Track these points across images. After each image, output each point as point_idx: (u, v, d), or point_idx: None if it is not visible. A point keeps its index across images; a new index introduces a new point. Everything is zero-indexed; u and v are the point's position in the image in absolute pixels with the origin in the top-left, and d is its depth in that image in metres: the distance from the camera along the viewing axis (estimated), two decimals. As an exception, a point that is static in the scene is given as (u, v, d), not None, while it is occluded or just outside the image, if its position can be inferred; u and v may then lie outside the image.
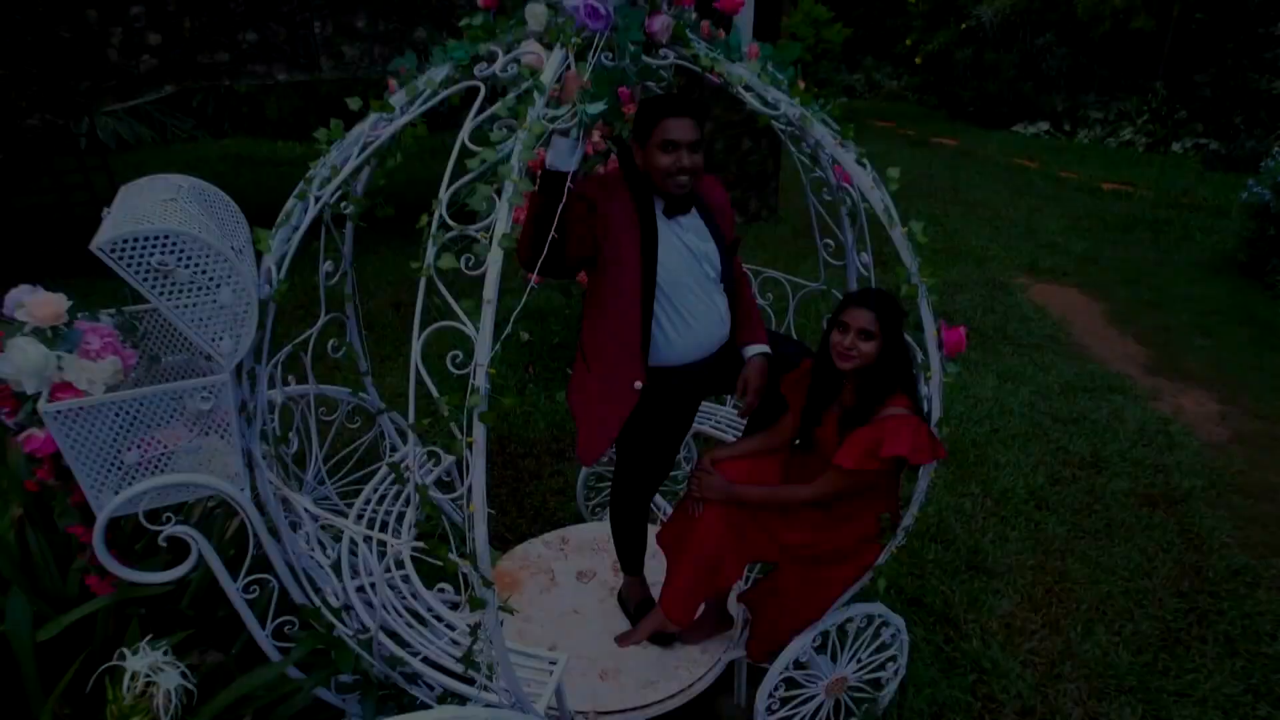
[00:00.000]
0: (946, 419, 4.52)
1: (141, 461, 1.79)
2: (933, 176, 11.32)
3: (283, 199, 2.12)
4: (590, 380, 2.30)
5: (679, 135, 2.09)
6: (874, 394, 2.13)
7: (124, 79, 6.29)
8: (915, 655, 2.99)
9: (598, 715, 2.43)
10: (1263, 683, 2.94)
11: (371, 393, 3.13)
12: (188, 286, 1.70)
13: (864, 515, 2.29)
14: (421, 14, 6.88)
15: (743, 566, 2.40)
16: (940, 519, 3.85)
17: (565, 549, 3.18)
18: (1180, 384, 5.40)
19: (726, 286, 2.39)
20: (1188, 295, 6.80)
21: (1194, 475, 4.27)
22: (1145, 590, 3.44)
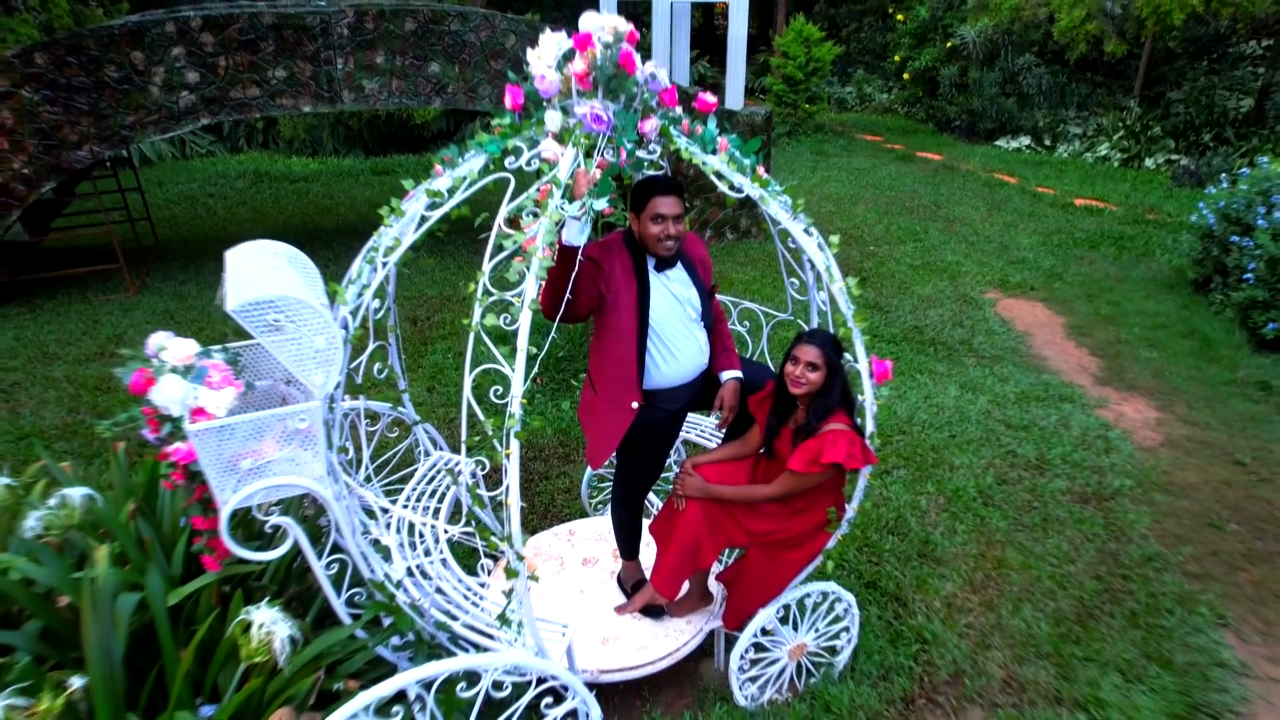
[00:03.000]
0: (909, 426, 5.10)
1: (252, 468, 2.33)
2: (915, 193, 11.86)
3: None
4: (597, 401, 2.84)
5: (666, 210, 2.63)
6: (819, 413, 2.67)
7: (164, 113, 6.83)
8: (868, 628, 3.54)
9: (600, 672, 2.97)
10: (1155, 650, 3.49)
11: (408, 407, 3.68)
12: (293, 336, 2.24)
13: (815, 509, 2.83)
14: (435, 51, 7.41)
15: (718, 550, 2.94)
16: (898, 515, 4.40)
17: (572, 539, 3.72)
18: (1125, 393, 5.94)
19: (706, 324, 2.94)
20: (1141, 310, 7.34)
21: (1125, 475, 4.81)
22: (1069, 574, 3.98)
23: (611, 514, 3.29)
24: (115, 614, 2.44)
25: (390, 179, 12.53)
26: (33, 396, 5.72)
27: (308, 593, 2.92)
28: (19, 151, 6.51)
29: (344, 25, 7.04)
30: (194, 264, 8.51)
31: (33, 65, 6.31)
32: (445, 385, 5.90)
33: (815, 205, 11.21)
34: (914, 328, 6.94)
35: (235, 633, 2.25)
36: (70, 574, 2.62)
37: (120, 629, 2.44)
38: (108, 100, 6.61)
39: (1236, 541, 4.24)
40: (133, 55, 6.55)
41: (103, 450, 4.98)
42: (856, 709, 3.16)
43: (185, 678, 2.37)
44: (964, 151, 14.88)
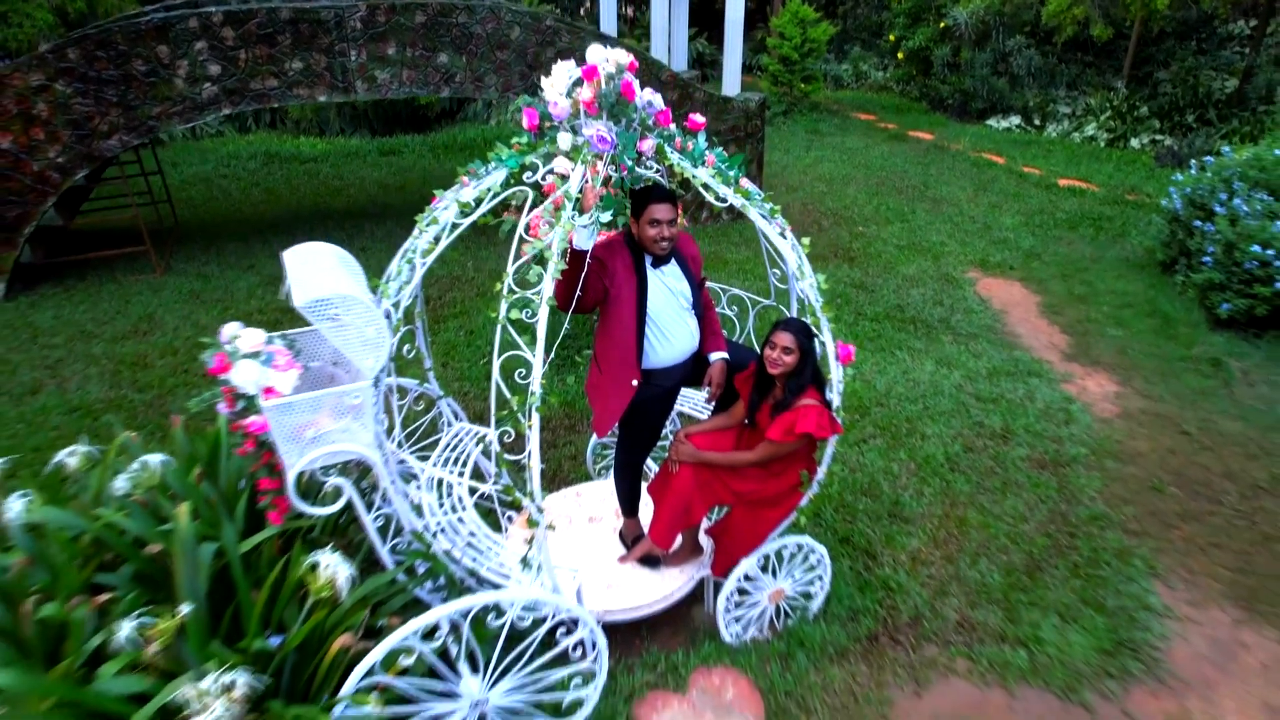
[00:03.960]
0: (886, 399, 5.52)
1: (314, 437, 2.76)
2: (905, 173, 12.21)
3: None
4: (602, 379, 3.27)
5: (661, 216, 3.04)
6: (793, 390, 3.09)
7: (188, 104, 7.18)
8: (840, 577, 4.00)
9: (605, 613, 3.43)
10: (1092, 596, 3.96)
11: (433, 383, 4.11)
12: (349, 327, 2.66)
13: (790, 472, 3.27)
14: (444, 43, 7.75)
15: (707, 508, 3.39)
16: (872, 479, 4.85)
17: (579, 500, 4.18)
18: (1089, 368, 6.37)
19: (696, 312, 3.36)
20: (1112, 290, 7.75)
21: (1081, 444, 5.26)
22: (1022, 532, 4.44)
23: (614, 477, 3.74)
24: (198, 559, 2.89)
25: (397, 159, 12.86)
26: (76, 372, 6.15)
27: (349, 544, 3.37)
28: (54, 141, 6.88)
29: (357, 19, 7.37)
30: (214, 245, 8.89)
31: (65, 60, 6.66)
32: (458, 361, 6.33)
33: (808, 185, 11.57)
34: (896, 306, 7.36)
35: (305, 573, 2.69)
36: (156, 527, 3.07)
37: (202, 572, 2.89)
38: (136, 92, 6.97)
39: (1174, 503, 4.70)
40: (158, 49, 6.90)
41: (148, 421, 5.41)
42: (827, 645, 3.62)
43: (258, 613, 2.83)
44: (955, 131, 15.18)
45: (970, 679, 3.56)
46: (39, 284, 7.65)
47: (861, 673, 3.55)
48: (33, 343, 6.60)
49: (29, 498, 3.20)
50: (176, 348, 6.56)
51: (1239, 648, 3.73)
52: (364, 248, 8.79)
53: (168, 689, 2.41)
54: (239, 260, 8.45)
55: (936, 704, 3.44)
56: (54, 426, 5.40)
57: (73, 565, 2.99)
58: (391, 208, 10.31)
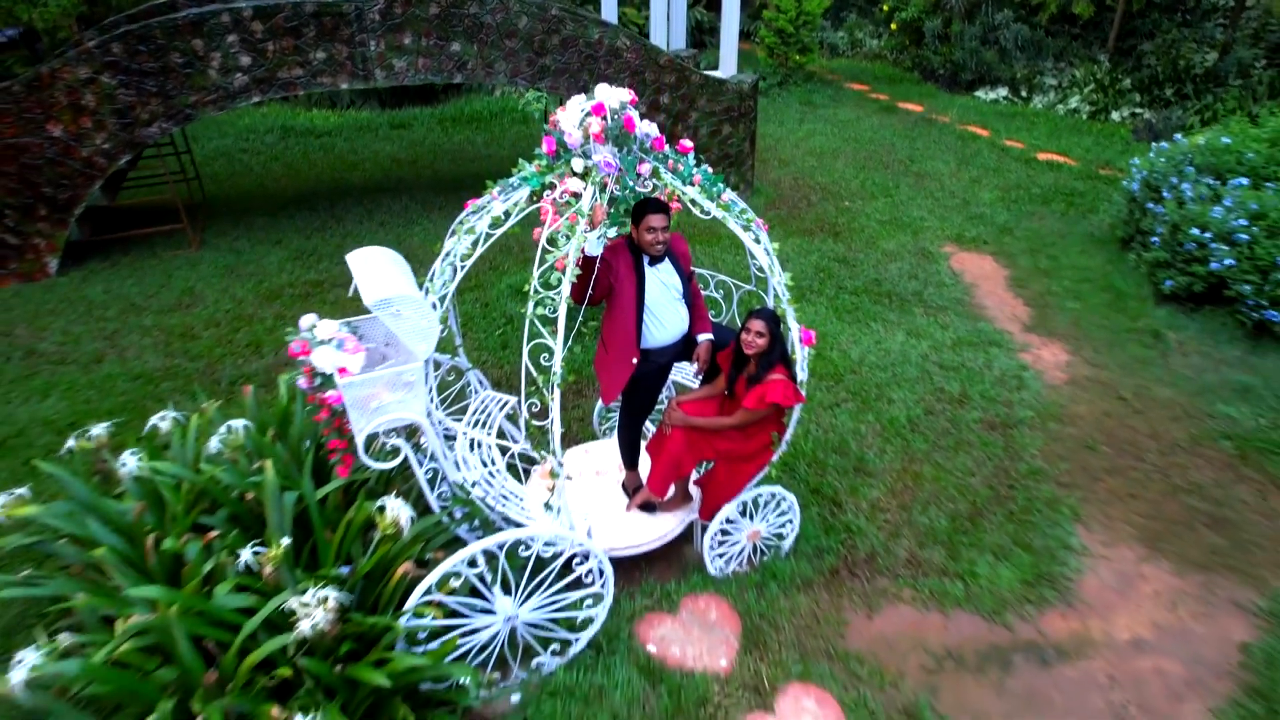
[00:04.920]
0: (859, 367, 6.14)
1: (377, 407, 3.42)
2: (893, 147, 12.69)
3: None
4: (608, 357, 3.92)
5: (656, 224, 3.66)
6: (764, 366, 3.74)
7: (221, 93, 7.72)
8: (808, 522, 4.68)
9: (610, 550, 4.12)
10: (1022, 538, 4.65)
11: (462, 357, 4.75)
12: (407, 319, 3.30)
13: (763, 434, 3.94)
14: (456, 32, 8.25)
15: (695, 463, 4.06)
16: (841, 439, 5.53)
17: (587, 456, 4.85)
18: (1045, 339, 7.00)
19: (686, 301, 3.99)
20: (1074, 265, 8.34)
21: (1029, 408, 5.93)
22: (969, 484, 5.13)
23: (617, 436, 4.41)
24: (283, 505, 3.57)
25: (407, 133, 13.34)
26: (133, 343, 6.79)
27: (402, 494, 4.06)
28: (100, 129, 7.43)
29: (375, 11, 7.86)
30: (242, 220, 9.47)
31: (110, 54, 7.18)
32: (475, 332, 6.95)
33: (799, 160, 12.07)
34: (874, 280, 7.97)
35: (374, 514, 3.37)
36: (245, 479, 3.75)
37: (286, 515, 3.57)
38: (174, 82, 7.50)
39: (1103, 459, 5.39)
40: (194, 43, 7.41)
41: (203, 387, 6.07)
42: (795, 577, 4.33)
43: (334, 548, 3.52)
44: (944, 102, 15.59)
45: (914, 605, 4.27)
46: (86, 260, 8.25)
47: (823, 599, 4.26)
48: (89, 315, 7.23)
49: (138, 455, 3.88)
50: (219, 320, 7.19)
51: (1138, 579, 4.44)
52: (383, 223, 9.38)
53: (275, 600, 3.11)
54: (267, 235, 9.04)
55: (884, 625, 4.15)
56: (121, 392, 6.06)
57: (182, 509, 3.68)
58: (405, 182, 10.85)
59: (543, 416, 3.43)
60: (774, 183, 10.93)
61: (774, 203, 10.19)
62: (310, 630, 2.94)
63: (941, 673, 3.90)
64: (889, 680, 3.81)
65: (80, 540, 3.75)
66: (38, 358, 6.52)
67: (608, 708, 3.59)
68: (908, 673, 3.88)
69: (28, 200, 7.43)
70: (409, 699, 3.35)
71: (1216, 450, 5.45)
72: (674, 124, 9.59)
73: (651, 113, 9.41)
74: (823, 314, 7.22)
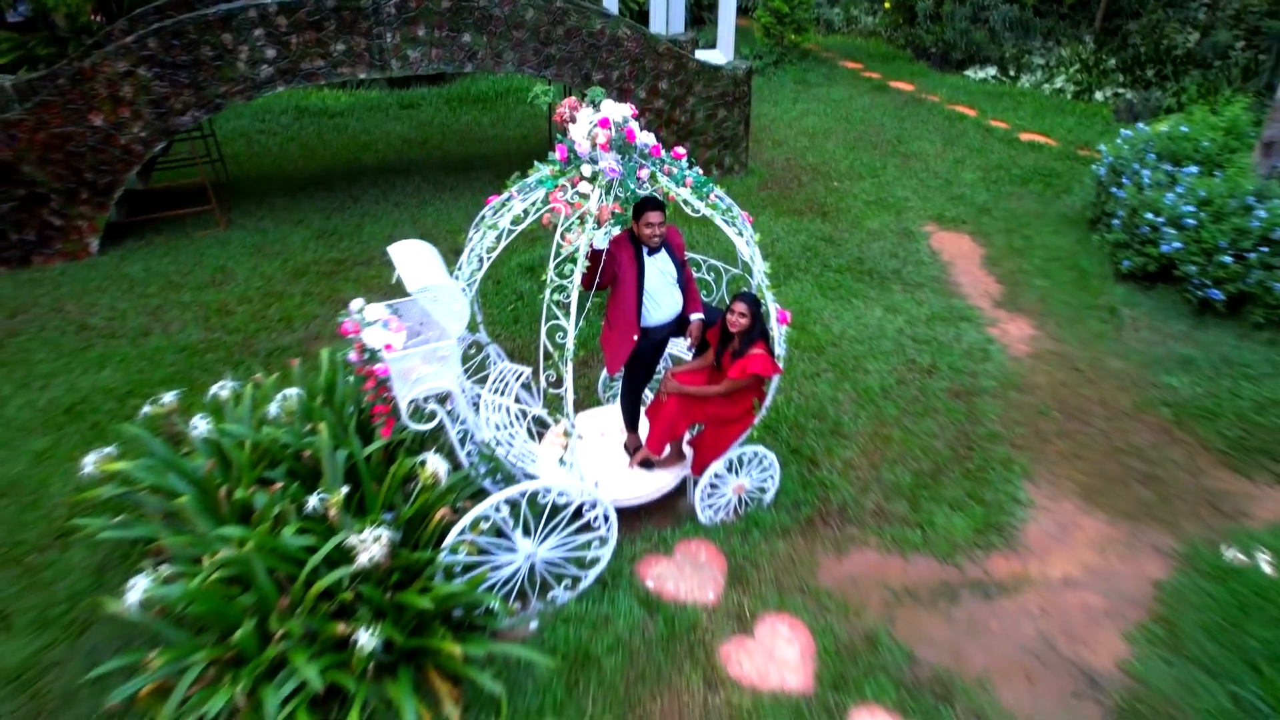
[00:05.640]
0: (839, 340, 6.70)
1: (417, 378, 4.00)
2: (883, 127, 13.14)
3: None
4: (612, 335, 4.49)
5: (654, 220, 4.22)
6: (746, 342, 4.31)
7: (248, 84, 8.21)
8: (788, 478, 5.28)
9: (614, 501, 4.72)
10: (976, 493, 5.26)
11: (482, 333, 5.32)
12: (442, 301, 3.86)
13: (745, 400, 4.52)
14: (467, 24, 8.70)
15: (688, 425, 4.65)
16: (820, 405, 6.11)
17: (593, 419, 5.45)
18: (1013, 314, 7.56)
19: (680, 285, 4.55)
20: (1046, 244, 8.87)
21: (991, 378, 6.51)
22: (932, 446, 5.73)
23: (620, 403, 5.00)
24: (336, 461, 4.17)
25: (416, 113, 13.78)
26: (175, 318, 7.35)
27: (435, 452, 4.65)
28: (137, 119, 7.92)
29: (391, 5, 8.31)
30: (264, 200, 9.98)
31: (146, 49, 7.66)
32: (488, 307, 7.50)
33: (792, 140, 12.53)
34: (857, 259, 8.52)
35: (416, 468, 3.97)
36: (301, 439, 4.35)
37: (339, 469, 4.17)
38: (205, 74, 7.98)
39: (1054, 424, 5.98)
40: (223, 37, 7.88)
41: (243, 359, 6.64)
42: (775, 525, 4.94)
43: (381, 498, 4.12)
44: (935, 81, 15.98)
45: (877, 549, 4.89)
46: (124, 239, 8.78)
47: (799, 544, 4.88)
48: (132, 292, 7.78)
49: (207, 419, 4.47)
50: (251, 296, 7.75)
51: (1075, 527, 5.05)
52: (398, 203, 9.89)
53: (335, 538, 3.71)
54: (289, 215, 9.56)
55: (851, 566, 4.77)
56: (170, 363, 6.64)
57: (247, 465, 4.27)
58: (416, 163, 11.34)
59: (558, 385, 4.01)
60: (767, 163, 11.41)
61: (766, 183, 10.68)
62: (368, 562, 3.54)
63: (899, 606, 4.51)
64: (853, 611, 4.44)
65: (160, 491, 4.35)
66: (90, 332, 7.09)
67: (612, 633, 4.22)
68: (869, 605, 4.50)
69: (71, 185, 7.94)
70: (445, 624, 3.98)
71: (1156, 416, 6.04)
72: (672, 108, 10.07)
73: (651, 97, 9.88)
74: (808, 291, 7.78)
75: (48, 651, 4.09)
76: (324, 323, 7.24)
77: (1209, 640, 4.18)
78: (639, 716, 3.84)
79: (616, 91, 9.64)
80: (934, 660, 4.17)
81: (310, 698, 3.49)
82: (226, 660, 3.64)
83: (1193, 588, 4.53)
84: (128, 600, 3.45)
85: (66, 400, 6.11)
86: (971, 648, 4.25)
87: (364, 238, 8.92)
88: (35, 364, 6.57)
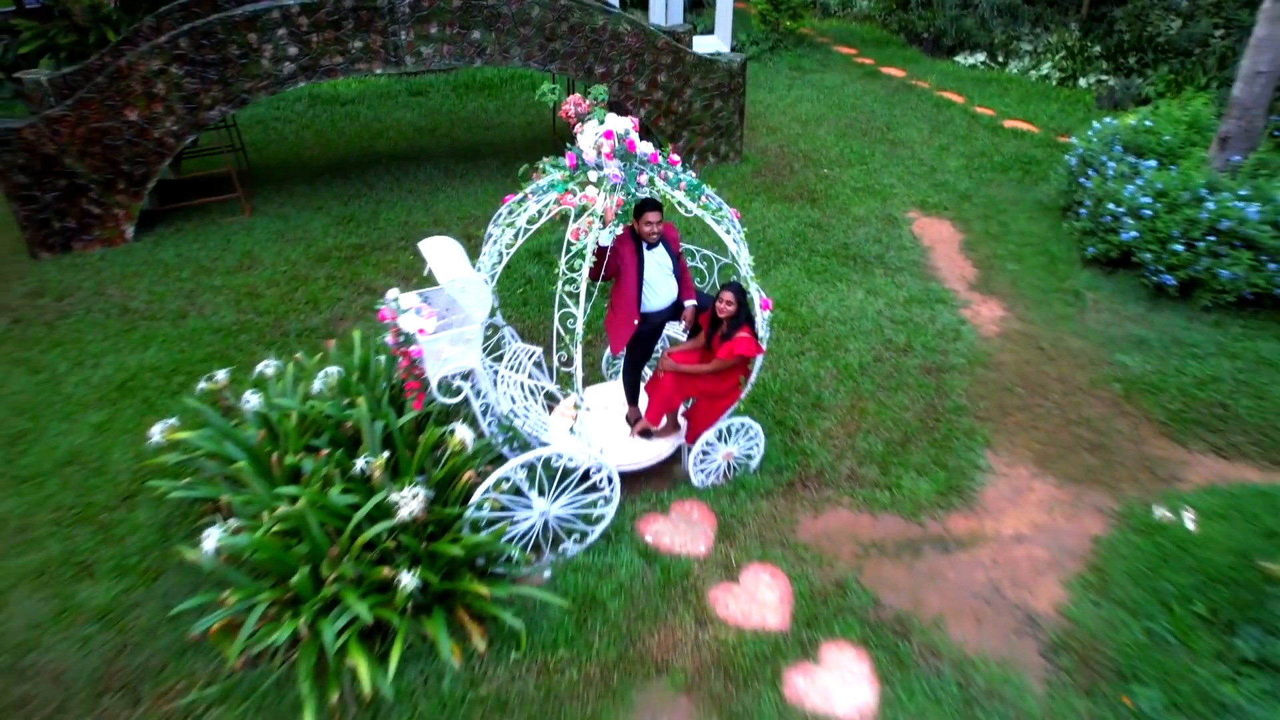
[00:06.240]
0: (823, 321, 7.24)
1: (446, 357, 4.55)
2: (873, 114, 13.56)
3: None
4: (615, 319, 5.03)
5: (652, 219, 4.75)
6: (734, 326, 4.86)
7: (272, 80, 8.68)
8: (772, 446, 5.85)
9: (618, 466, 5.30)
10: (940, 459, 5.83)
11: (498, 316, 5.87)
12: (469, 291, 4.40)
13: (733, 377, 5.08)
14: (476, 22, 9.15)
15: (682, 399, 5.21)
16: (804, 381, 6.67)
17: (598, 393, 6.01)
18: (986, 297, 8.10)
19: (675, 275, 5.10)
20: (1021, 230, 9.37)
21: (961, 356, 7.06)
22: (904, 418, 6.29)
23: (622, 379, 5.56)
24: (375, 431, 4.73)
25: (425, 100, 14.20)
26: (209, 301, 7.89)
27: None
28: (169, 114, 8.41)
29: (405, 5, 8.76)
30: (284, 188, 10.46)
31: (178, 48, 8.12)
32: (500, 292, 8.03)
33: (786, 127, 12.96)
34: (843, 244, 9.03)
35: (446, 436, 4.54)
36: (343, 411, 4.91)
37: (377, 438, 4.74)
38: (232, 71, 8.45)
39: (1016, 399, 6.54)
40: (249, 36, 8.34)
41: (275, 340, 7.19)
42: (759, 488, 5.52)
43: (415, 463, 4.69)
44: (925, 67, 16.35)
45: (850, 509, 5.47)
46: (155, 226, 9.29)
47: (781, 504, 5.46)
48: (167, 276, 8.31)
49: (258, 394, 5.03)
50: (278, 280, 8.27)
51: (1028, 490, 5.63)
52: (411, 190, 10.38)
53: (377, 496, 4.29)
54: (309, 202, 10.05)
55: (826, 523, 5.36)
56: (208, 344, 7.18)
57: (295, 434, 4.84)
58: (426, 151, 11.80)
59: (568, 364, 4.56)
60: (761, 150, 11.88)
61: (760, 170, 11.15)
62: (408, 516, 4.12)
63: (867, 558, 5.10)
64: (826, 562, 5.03)
65: (218, 457, 4.93)
66: (133, 314, 7.63)
67: (615, 579, 4.81)
68: (841, 557, 5.09)
69: (109, 176, 8.44)
70: (471, 570, 4.57)
71: (1108, 391, 6.60)
72: (671, 99, 10.53)
73: (650, 89, 10.34)
74: (796, 275, 8.31)
75: (128, 594, 4.69)
76: (347, 305, 7.78)
77: (1132, 585, 4.77)
78: (638, 649, 4.44)
79: (617, 84, 10.10)
80: (895, 604, 4.77)
81: (359, 631, 4.09)
82: (285, 601, 4.23)
83: (1124, 542, 5.12)
84: (204, 548, 4.03)
85: (118, 378, 6.67)
86: (929, 593, 4.85)
87: (381, 224, 9.43)
88: (86, 344, 7.12)
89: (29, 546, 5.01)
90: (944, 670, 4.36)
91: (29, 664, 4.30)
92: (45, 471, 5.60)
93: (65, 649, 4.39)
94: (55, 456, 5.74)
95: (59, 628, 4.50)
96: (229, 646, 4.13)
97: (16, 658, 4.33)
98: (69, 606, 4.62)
